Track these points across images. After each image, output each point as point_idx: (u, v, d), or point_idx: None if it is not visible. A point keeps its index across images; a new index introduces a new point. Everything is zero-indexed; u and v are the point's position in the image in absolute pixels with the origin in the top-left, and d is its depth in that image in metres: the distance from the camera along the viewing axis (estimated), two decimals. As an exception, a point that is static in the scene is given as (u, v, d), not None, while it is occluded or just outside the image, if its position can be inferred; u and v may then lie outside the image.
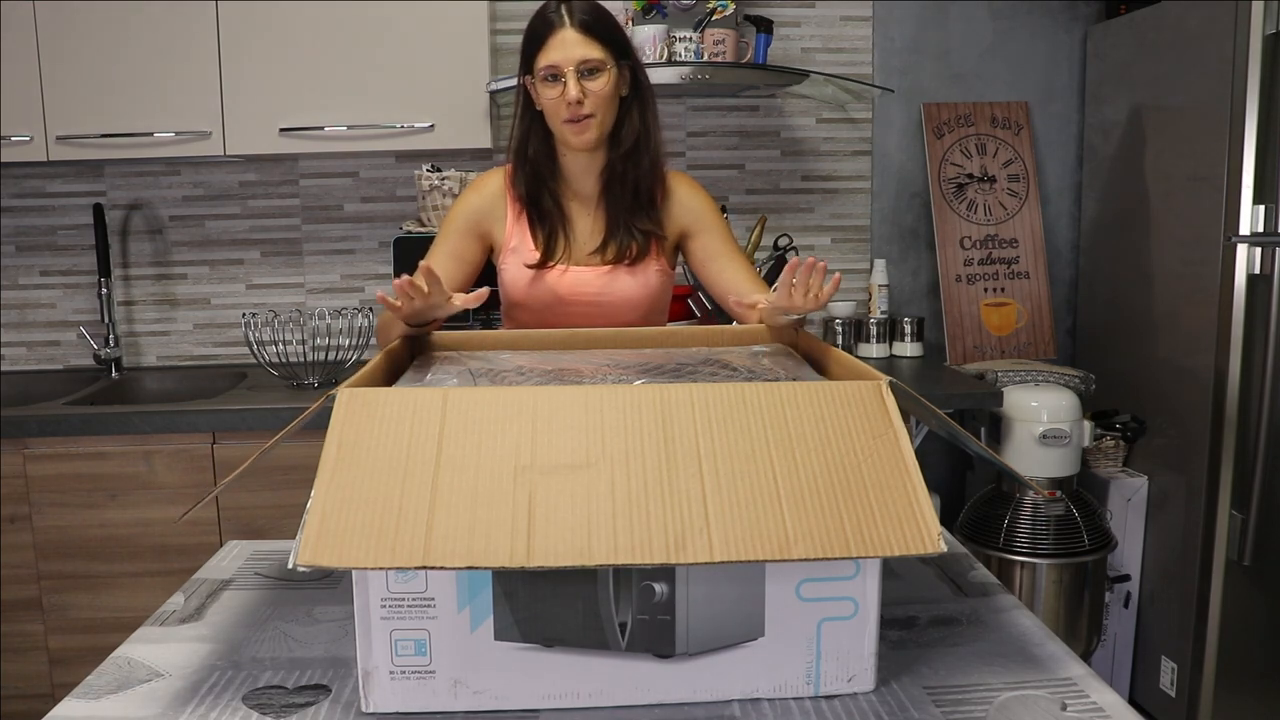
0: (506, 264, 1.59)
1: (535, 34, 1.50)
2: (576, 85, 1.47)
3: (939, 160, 2.62)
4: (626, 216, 1.57)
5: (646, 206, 1.58)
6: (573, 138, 1.51)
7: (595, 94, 1.48)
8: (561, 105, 1.48)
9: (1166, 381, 2.33)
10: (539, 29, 1.49)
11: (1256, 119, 2.03)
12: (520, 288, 1.58)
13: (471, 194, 1.61)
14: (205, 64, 2.23)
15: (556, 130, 1.52)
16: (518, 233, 1.58)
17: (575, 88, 1.46)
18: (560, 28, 1.47)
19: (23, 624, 2.08)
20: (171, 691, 0.94)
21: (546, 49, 1.47)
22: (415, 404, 0.88)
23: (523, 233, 1.58)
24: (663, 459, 0.85)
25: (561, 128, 1.50)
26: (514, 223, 1.59)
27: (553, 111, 1.50)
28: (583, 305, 1.58)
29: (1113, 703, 0.89)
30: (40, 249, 2.60)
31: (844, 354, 1.13)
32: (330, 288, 2.66)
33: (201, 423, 2.04)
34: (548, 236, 1.57)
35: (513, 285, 1.59)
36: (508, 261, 1.59)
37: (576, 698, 0.88)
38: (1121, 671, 2.46)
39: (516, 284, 1.58)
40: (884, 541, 0.80)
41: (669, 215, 1.61)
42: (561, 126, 1.50)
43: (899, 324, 2.63)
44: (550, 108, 1.50)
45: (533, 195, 1.57)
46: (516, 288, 1.58)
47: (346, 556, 0.77)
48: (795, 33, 2.63)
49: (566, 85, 1.46)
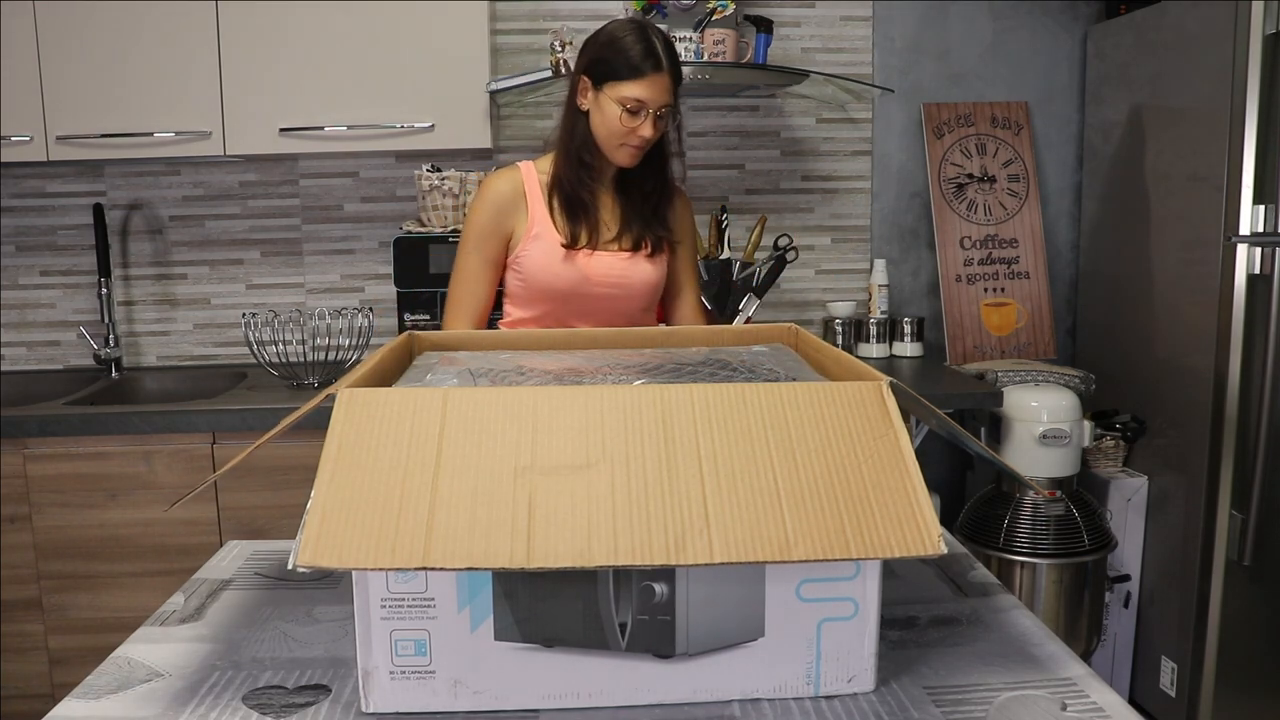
0: (529, 250, 1.67)
1: (631, 61, 1.58)
2: (654, 126, 1.60)
3: (939, 160, 2.62)
4: (641, 213, 1.70)
5: (658, 206, 1.72)
6: (626, 160, 1.65)
7: (658, 132, 1.63)
8: (634, 135, 1.61)
9: (1166, 381, 2.33)
10: (637, 59, 1.57)
11: (1256, 119, 2.03)
12: (550, 270, 1.66)
13: (490, 197, 1.70)
14: (205, 64, 2.23)
15: (608, 146, 1.64)
16: (541, 220, 1.67)
17: (653, 128, 1.60)
18: (659, 71, 1.58)
19: (23, 624, 2.08)
20: (171, 691, 0.94)
21: (641, 83, 1.58)
22: (415, 404, 0.88)
23: (546, 220, 1.67)
24: (663, 459, 0.85)
25: (618, 149, 1.63)
26: (538, 211, 1.67)
27: (619, 134, 1.61)
28: (606, 287, 1.68)
29: (1113, 703, 0.89)
30: (40, 249, 2.60)
31: (844, 354, 1.13)
32: (330, 288, 2.66)
33: (201, 423, 2.04)
34: (579, 224, 1.67)
35: (540, 269, 1.67)
36: (530, 248, 1.67)
37: (576, 698, 0.88)
38: (1121, 671, 2.46)
39: (546, 267, 1.66)
40: (884, 542, 0.80)
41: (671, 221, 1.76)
42: (619, 148, 1.63)
43: (899, 324, 2.63)
44: (619, 131, 1.61)
45: (576, 189, 1.67)
46: (546, 271, 1.66)
47: (346, 557, 0.77)
48: (795, 33, 2.63)
49: (645, 122, 1.59)
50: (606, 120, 1.61)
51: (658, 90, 1.58)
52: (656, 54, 1.57)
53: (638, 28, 1.60)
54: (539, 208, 1.68)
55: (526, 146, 2.61)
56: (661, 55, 1.58)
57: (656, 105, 1.58)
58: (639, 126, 1.59)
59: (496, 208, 1.68)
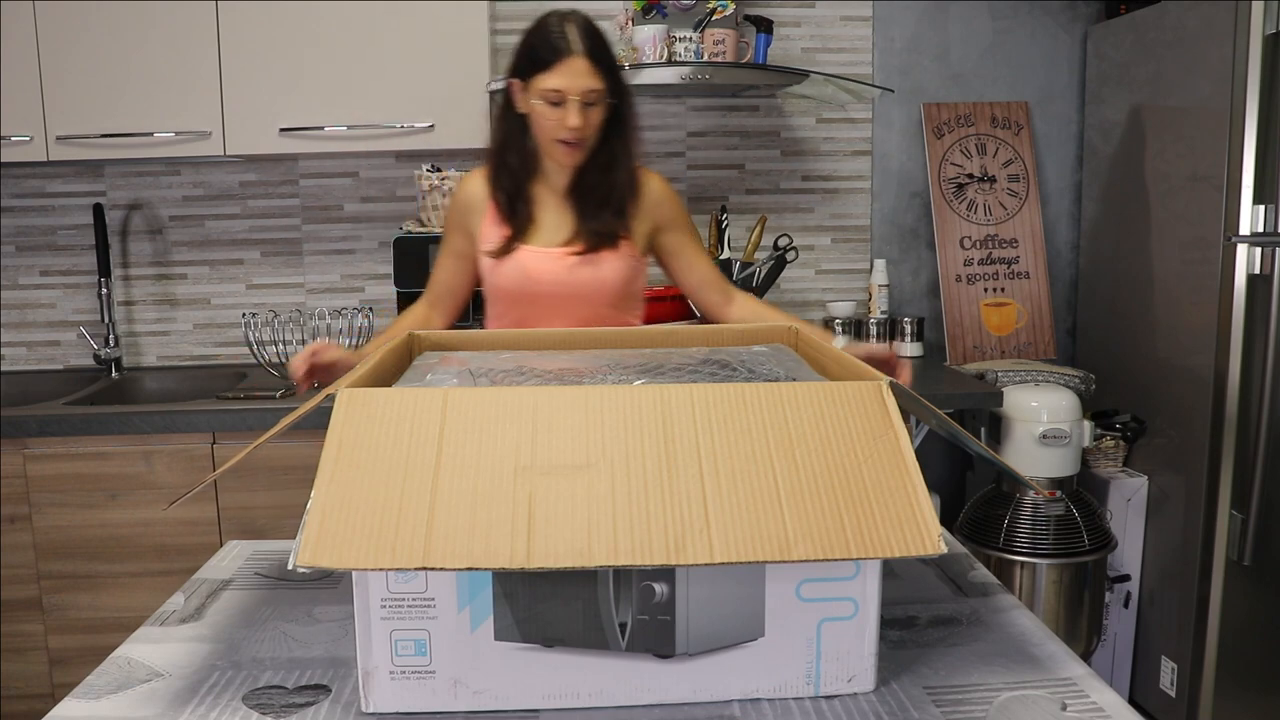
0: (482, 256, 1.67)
1: (542, 53, 1.53)
2: (579, 113, 1.52)
3: (939, 160, 2.62)
4: (594, 217, 1.64)
5: (616, 211, 1.65)
6: (563, 158, 1.58)
7: (591, 123, 1.54)
8: (560, 128, 1.53)
9: (1166, 381, 2.33)
10: (546, 49, 1.52)
11: (1256, 119, 2.03)
12: (496, 270, 1.64)
13: (457, 194, 1.70)
14: (205, 64, 2.23)
15: (545, 145, 1.58)
16: (494, 225, 1.65)
17: (578, 116, 1.52)
18: (570, 55, 1.51)
19: (23, 624, 2.08)
20: (171, 691, 0.94)
21: (554, 72, 1.51)
22: (415, 404, 0.88)
23: (497, 224, 1.65)
24: (663, 459, 0.85)
25: (552, 145, 1.56)
26: (492, 218, 1.66)
27: (548, 130, 1.55)
28: (551, 286, 1.63)
29: (1113, 703, 0.89)
30: (40, 249, 2.60)
31: (844, 354, 1.13)
32: (330, 288, 2.66)
33: (201, 423, 2.04)
34: (516, 221, 1.64)
35: (488, 270, 1.66)
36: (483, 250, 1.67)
37: (576, 698, 0.88)
38: (1121, 671, 2.46)
39: (492, 269, 1.65)
40: (884, 542, 0.80)
41: (640, 210, 1.67)
42: (553, 145, 1.56)
43: (899, 324, 2.62)
44: (546, 127, 1.54)
45: (509, 194, 1.64)
46: (492, 272, 1.65)
47: (346, 557, 0.77)
48: (795, 33, 2.63)
49: (568, 111, 1.51)
50: (535, 117, 1.55)
51: (575, 76, 1.50)
52: (566, 38, 1.50)
53: (552, 16, 1.54)
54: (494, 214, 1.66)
55: (526, 146, 2.61)
56: (572, 39, 1.50)
57: (576, 91, 1.50)
58: (564, 117, 1.51)
59: (459, 205, 1.69)
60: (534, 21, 1.57)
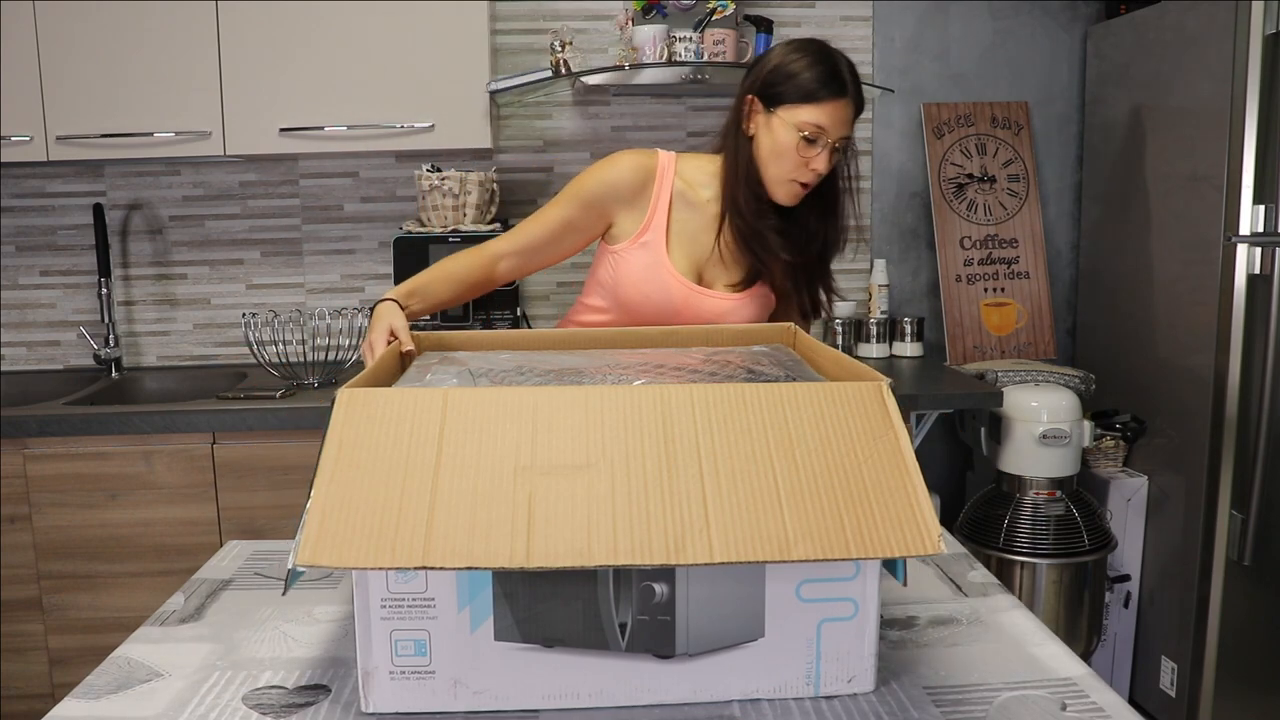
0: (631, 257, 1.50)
1: (813, 84, 1.40)
2: (829, 159, 1.42)
3: (939, 160, 2.62)
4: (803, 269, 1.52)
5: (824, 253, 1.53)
6: (785, 197, 1.46)
7: (829, 168, 1.44)
8: (804, 170, 1.42)
9: (1166, 381, 2.33)
10: (821, 82, 1.40)
11: (1256, 119, 2.03)
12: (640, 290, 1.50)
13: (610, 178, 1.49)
14: (205, 64, 2.23)
15: (771, 179, 1.45)
16: (656, 229, 1.49)
17: (827, 161, 1.42)
18: (843, 97, 1.40)
19: (23, 624, 2.08)
20: (171, 691, 0.94)
21: (822, 108, 1.39)
22: (415, 404, 0.88)
23: (661, 232, 1.49)
24: (663, 459, 0.85)
25: (783, 183, 1.45)
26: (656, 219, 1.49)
27: (788, 167, 1.43)
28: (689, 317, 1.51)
29: (1113, 703, 0.89)
30: (40, 249, 2.60)
31: (842, 355, 1.13)
32: (330, 288, 2.66)
33: (201, 423, 2.04)
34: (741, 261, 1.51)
35: (631, 283, 1.50)
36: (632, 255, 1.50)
37: (576, 698, 0.88)
38: (1121, 671, 2.46)
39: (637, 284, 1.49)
40: (884, 542, 0.80)
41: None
42: (784, 182, 1.44)
43: (899, 324, 2.63)
44: (791, 161, 1.42)
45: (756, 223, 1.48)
46: (636, 288, 1.50)
47: (346, 557, 0.77)
48: (795, 33, 2.62)
49: (821, 154, 1.41)
50: (778, 147, 1.41)
51: (840, 120, 1.40)
52: (842, 78, 1.39)
53: (824, 46, 1.43)
54: (659, 215, 1.49)
55: (526, 146, 2.61)
56: (847, 79, 1.40)
57: (836, 136, 1.40)
58: (814, 158, 1.40)
59: (612, 190, 1.49)
60: (795, 44, 1.44)
